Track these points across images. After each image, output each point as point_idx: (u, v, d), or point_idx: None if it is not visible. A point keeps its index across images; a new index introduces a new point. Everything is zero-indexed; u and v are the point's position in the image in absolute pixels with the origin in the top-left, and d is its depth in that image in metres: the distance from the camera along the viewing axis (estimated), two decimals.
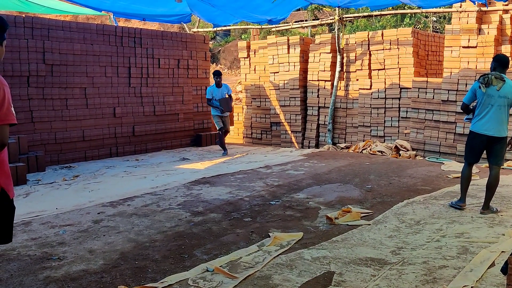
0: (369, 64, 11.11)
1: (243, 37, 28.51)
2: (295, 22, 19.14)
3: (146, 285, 3.56)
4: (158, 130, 10.99)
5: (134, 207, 5.92)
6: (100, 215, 5.53)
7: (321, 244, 4.48)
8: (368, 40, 11.09)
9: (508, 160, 8.89)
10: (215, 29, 14.22)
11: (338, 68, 11.45)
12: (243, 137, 13.52)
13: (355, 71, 11.38)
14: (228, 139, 13.15)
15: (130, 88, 10.36)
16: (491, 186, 5.48)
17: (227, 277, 3.72)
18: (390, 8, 14.03)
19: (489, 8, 9.50)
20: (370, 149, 10.41)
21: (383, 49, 10.87)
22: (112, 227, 5.07)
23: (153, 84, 10.83)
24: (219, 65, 28.36)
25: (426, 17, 21.80)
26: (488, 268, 3.81)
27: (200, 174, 8.08)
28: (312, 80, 11.96)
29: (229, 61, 29.18)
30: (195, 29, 14.02)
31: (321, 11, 31.88)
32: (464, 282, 3.56)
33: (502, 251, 4.15)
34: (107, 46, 9.85)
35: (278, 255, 4.20)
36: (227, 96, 10.13)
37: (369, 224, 5.07)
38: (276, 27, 13.04)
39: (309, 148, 11.86)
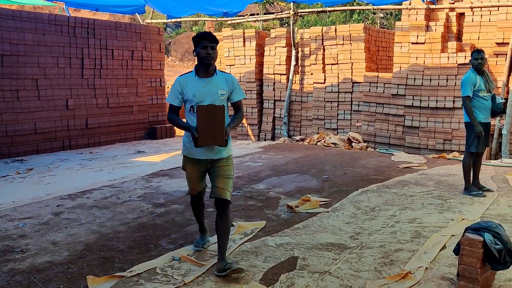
0: (323, 58, 11.39)
1: (194, 29, 28.34)
2: (248, 15, 19.28)
3: (114, 274, 3.59)
4: (112, 123, 10.83)
5: (94, 199, 5.87)
6: (59, 208, 5.45)
7: (284, 231, 4.63)
8: (322, 35, 11.36)
9: (454, 151, 9.40)
10: (168, 20, 14.12)
11: (293, 62, 11.67)
12: None
13: (310, 65, 11.63)
14: (182, 132, 13.13)
15: (83, 80, 10.15)
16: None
17: (195, 265, 3.80)
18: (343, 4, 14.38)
19: (437, 6, 9.96)
20: (324, 141, 10.70)
21: (336, 44, 11.17)
22: (73, 219, 5.02)
23: (107, 75, 10.64)
24: (170, 57, 28.07)
25: (374, 13, 22.44)
26: (440, 251, 4.08)
27: (157, 166, 8.06)
28: (268, 74, 12.13)
29: (180, 53, 28.94)
30: (148, 20, 13.84)
31: (272, 4, 32.15)
32: (419, 263, 3.80)
33: (452, 235, 4.44)
34: (59, 36, 9.60)
35: (243, 243, 4.32)
36: None
37: (328, 212, 5.28)
38: (231, 19, 13.10)
39: (265, 140, 12.04)
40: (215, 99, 3.63)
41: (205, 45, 3.57)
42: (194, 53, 3.65)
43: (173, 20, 13.47)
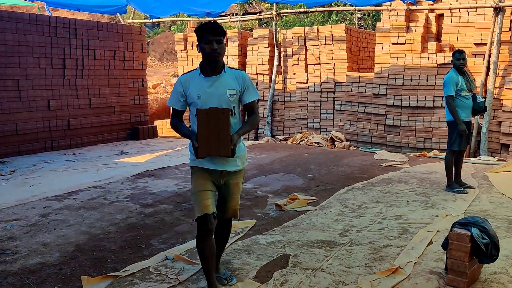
0: (306, 59, 11.50)
1: (172, 29, 28.20)
2: (227, 15, 19.29)
3: (109, 274, 3.59)
4: (94, 124, 10.73)
5: (81, 200, 5.84)
6: (46, 209, 5.41)
7: (274, 229, 4.69)
8: (304, 35, 11.46)
9: (434, 149, 9.59)
10: (147, 20, 14.07)
11: (276, 62, 11.75)
12: None
13: (292, 65, 11.73)
14: (166, 132, 13.11)
15: (64, 80, 10.04)
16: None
17: (188, 264, 3.83)
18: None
19: (417, 7, 10.15)
20: (308, 140, 10.80)
21: (318, 45, 11.28)
22: (61, 221, 4.99)
23: (89, 76, 10.54)
24: (149, 57, 27.90)
25: (352, 14, 22.67)
26: (427, 246, 4.19)
27: (142, 167, 8.04)
28: (251, 74, 12.17)
29: (159, 53, 28.78)
30: (129, 20, 13.76)
31: (251, 5, 32.21)
32: (408, 258, 3.90)
33: (438, 230, 4.57)
34: (40, 36, 9.47)
35: (235, 241, 4.36)
36: None
37: (316, 210, 5.35)
38: (214, 20, 13.09)
39: (248, 140, 12.07)
40: (223, 101, 3.10)
41: (209, 39, 3.01)
42: (198, 48, 3.11)
43: (154, 20, 13.40)
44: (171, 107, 3.34)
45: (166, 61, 27.75)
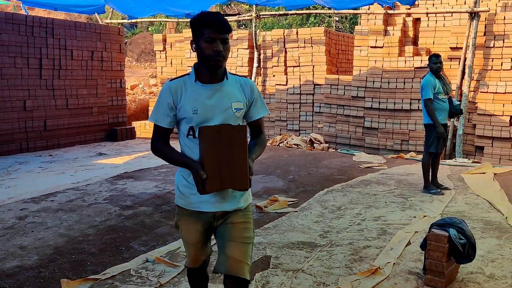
0: (285, 61, 11.55)
1: (150, 29, 27.99)
2: None
3: (88, 277, 3.56)
4: (71, 124, 10.59)
5: (59, 202, 5.76)
6: (23, 212, 5.32)
7: (255, 231, 4.68)
8: (284, 38, 11.51)
9: (411, 151, 9.74)
10: (125, 20, 13.97)
11: (255, 64, 11.77)
12: None
13: (272, 67, 11.76)
14: (144, 133, 13.00)
15: (41, 80, 9.88)
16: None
17: (169, 266, 3.82)
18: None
19: (395, 11, 10.30)
20: (287, 142, 10.85)
21: (298, 47, 11.35)
22: (39, 223, 4.91)
23: (66, 76, 10.40)
24: (126, 57, 27.65)
25: (330, 16, 22.88)
26: (405, 247, 4.26)
27: (121, 169, 7.97)
28: None
29: (137, 53, 28.56)
30: (107, 20, 13.63)
31: (229, 6, 32.21)
32: (387, 259, 3.96)
33: (416, 231, 4.65)
34: (16, 35, 9.30)
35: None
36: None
37: (296, 211, 5.39)
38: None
39: None
40: (228, 117, 2.37)
41: (212, 37, 2.28)
42: (193, 46, 2.38)
43: (133, 20, 13.30)
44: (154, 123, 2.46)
45: (144, 61, 27.54)
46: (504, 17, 9.01)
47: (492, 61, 9.15)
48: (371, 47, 10.30)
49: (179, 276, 3.63)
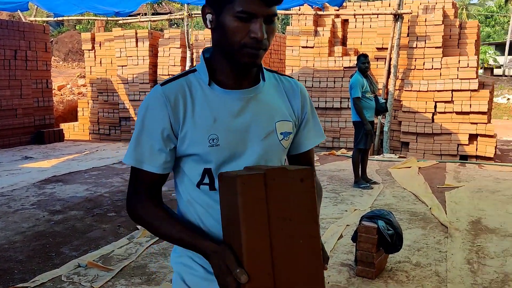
0: None
1: (77, 28, 27.08)
2: (137, 15, 18.86)
3: (16, 286, 3.39)
4: None
5: None
6: None
7: None
8: None
9: (342, 147, 10.07)
10: (50, 18, 13.43)
11: (188, 63, 11.68)
12: (89, 133, 12.93)
13: None
14: (73, 135, 12.55)
15: None
16: None
17: (103, 270, 3.72)
18: None
19: (324, 13, 10.59)
20: None
21: None
22: None
23: None
24: (52, 56, 26.54)
25: None
26: (338, 240, 4.41)
27: (49, 172, 7.65)
28: (163, 75, 11.99)
29: (63, 52, 27.50)
30: (31, 18, 13.00)
31: (160, 5, 31.77)
32: None
33: (347, 225, 4.82)
34: None
35: (150, 245, 4.29)
36: None
37: None
38: (123, 19, 12.77)
39: None
40: (270, 149, 1.36)
41: (250, 11, 1.22)
42: (208, 20, 1.30)
43: (59, 18, 12.78)
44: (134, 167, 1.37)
45: (72, 61, 26.55)
46: (426, 19, 9.54)
47: (415, 60, 9.66)
48: (302, 47, 10.53)
49: (113, 280, 3.54)
